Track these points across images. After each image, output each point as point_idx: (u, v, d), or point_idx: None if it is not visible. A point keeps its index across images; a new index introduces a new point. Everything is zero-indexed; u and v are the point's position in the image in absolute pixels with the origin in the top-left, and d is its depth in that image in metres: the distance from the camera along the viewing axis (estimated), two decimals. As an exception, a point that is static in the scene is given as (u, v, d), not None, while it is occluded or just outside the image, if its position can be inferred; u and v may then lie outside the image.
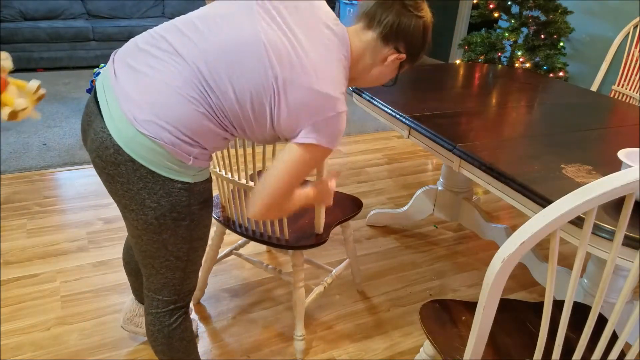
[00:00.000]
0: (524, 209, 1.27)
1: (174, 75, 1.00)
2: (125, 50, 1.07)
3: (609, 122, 1.74)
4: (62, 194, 2.59)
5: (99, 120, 1.03)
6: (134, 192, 1.03)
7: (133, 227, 1.10)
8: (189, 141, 1.02)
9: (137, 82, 1.00)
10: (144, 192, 1.03)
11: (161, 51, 1.03)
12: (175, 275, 1.17)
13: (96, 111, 1.05)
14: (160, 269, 1.15)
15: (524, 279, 2.15)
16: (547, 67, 3.44)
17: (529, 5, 3.43)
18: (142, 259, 1.15)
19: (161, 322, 1.22)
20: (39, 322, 1.75)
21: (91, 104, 1.08)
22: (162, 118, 0.98)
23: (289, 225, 1.59)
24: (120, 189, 1.05)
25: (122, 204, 1.08)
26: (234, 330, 1.77)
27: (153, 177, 1.02)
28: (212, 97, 1.01)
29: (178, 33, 1.04)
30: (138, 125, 0.98)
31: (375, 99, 1.82)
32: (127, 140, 0.99)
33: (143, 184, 1.02)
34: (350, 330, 1.81)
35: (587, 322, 0.86)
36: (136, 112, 0.98)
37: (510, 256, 0.80)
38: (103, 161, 1.03)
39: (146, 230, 1.08)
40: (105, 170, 1.04)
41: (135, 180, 1.02)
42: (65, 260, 2.08)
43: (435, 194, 2.36)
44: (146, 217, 1.06)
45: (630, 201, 0.75)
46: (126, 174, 1.02)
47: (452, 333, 1.16)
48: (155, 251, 1.12)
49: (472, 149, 1.42)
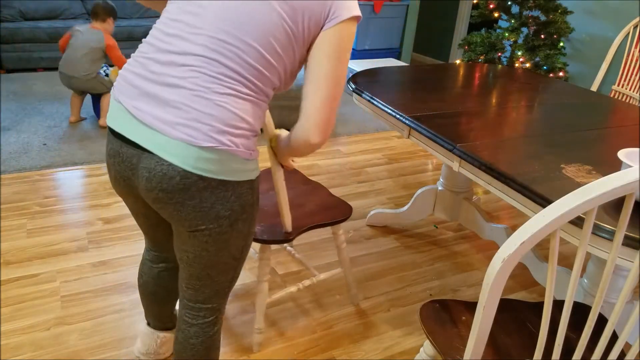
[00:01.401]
0: (524, 209, 1.27)
1: (199, 79, 0.97)
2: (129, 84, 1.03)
3: (609, 122, 1.74)
4: (62, 194, 2.59)
5: (148, 158, 1.00)
6: (208, 208, 1.02)
7: (201, 243, 1.08)
8: (245, 133, 1.01)
9: (167, 105, 0.97)
10: (217, 204, 1.03)
11: (173, 55, 1.00)
12: (228, 277, 1.17)
13: (137, 152, 1.02)
14: (217, 275, 1.15)
15: (524, 279, 2.15)
16: (547, 67, 3.44)
17: (529, 5, 3.43)
18: (200, 271, 1.13)
19: (205, 332, 1.21)
20: (39, 322, 1.75)
21: (123, 150, 1.04)
22: (215, 125, 0.97)
23: (264, 219, 1.60)
24: (192, 212, 1.02)
25: (193, 225, 1.05)
26: (234, 330, 1.77)
27: (224, 187, 1.01)
28: (242, 74, 0.99)
29: (179, 26, 1.02)
30: (198, 141, 0.96)
31: (375, 99, 1.82)
32: (193, 161, 0.97)
33: (216, 197, 1.01)
34: (350, 330, 1.81)
35: (587, 322, 0.86)
36: (189, 131, 0.96)
37: (510, 256, 0.80)
38: (169, 192, 1.00)
39: (216, 241, 1.08)
40: (172, 200, 1.01)
41: (207, 196, 1.01)
42: (65, 260, 2.08)
43: (435, 194, 2.36)
44: (220, 227, 1.06)
45: (630, 201, 0.75)
46: (198, 194, 1.00)
47: (452, 333, 1.16)
48: (218, 259, 1.11)
49: (472, 149, 1.42)
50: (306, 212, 1.68)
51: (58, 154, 3.02)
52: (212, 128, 0.96)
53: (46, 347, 1.65)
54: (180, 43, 1.00)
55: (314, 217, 1.65)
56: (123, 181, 1.09)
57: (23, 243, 2.17)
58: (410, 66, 2.41)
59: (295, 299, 1.95)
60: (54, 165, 2.87)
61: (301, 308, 1.90)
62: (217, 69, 0.98)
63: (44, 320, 1.76)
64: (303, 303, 1.93)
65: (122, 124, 1.02)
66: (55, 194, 2.59)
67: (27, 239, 2.21)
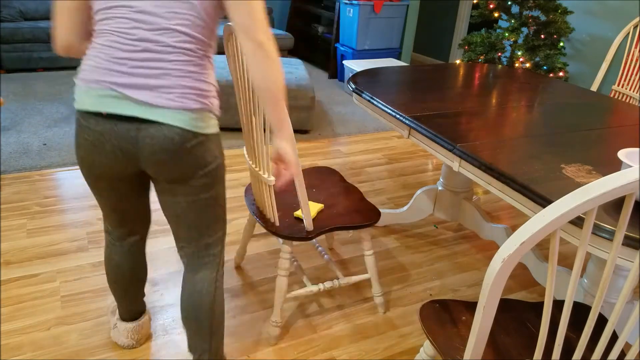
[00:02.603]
0: (524, 209, 1.27)
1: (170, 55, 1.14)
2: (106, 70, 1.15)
3: (609, 122, 1.74)
4: (62, 194, 2.59)
5: (147, 127, 1.16)
6: (199, 158, 1.22)
7: (194, 190, 1.26)
8: (214, 94, 1.22)
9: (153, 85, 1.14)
10: (206, 154, 1.22)
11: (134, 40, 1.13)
12: (223, 224, 1.38)
13: (133, 126, 1.16)
14: (216, 223, 1.35)
15: (524, 279, 2.15)
16: (547, 67, 3.44)
17: (529, 5, 3.43)
18: (201, 224, 1.32)
19: (217, 280, 1.40)
20: (39, 322, 1.75)
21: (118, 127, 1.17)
22: (197, 92, 1.17)
23: (289, 216, 1.64)
24: (188, 164, 1.21)
25: (188, 176, 1.23)
26: (234, 330, 1.77)
27: (208, 139, 1.22)
28: (193, 34, 1.15)
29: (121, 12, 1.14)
30: (189, 105, 1.16)
31: (375, 99, 1.82)
32: (187, 121, 1.16)
33: (204, 148, 1.21)
34: (350, 330, 1.81)
35: (587, 322, 0.86)
36: (180, 100, 1.15)
37: (510, 256, 0.80)
38: (170, 152, 1.18)
39: (211, 191, 1.29)
40: (173, 157, 1.19)
41: (198, 149, 1.20)
42: (65, 260, 2.08)
43: (435, 194, 2.36)
44: (215, 176, 1.27)
45: (630, 201, 0.75)
46: (191, 149, 1.19)
47: (452, 333, 1.16)
48: (215, 208, 1.32)
49: (472, 149, 1.42)
50: (334, 213, 1.70)
51: (58, 154, 3.02)
52: (195, 95, 1.17)
53: (46, 347, 1.65)
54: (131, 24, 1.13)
55: (339, 219, 1.67)
56: (121, 153, 1.20)
57: (23, 243, 2.17)
58: (410, 66, 2.41)
59: (296, 299, 1.95)
60: (54, 165, 2.87)
61: (301, 307, 1.90)
62: (177, 40, 1.14)
63: (44, 320, 1.76)
64: (303, 303, 1.93)
65: (115, 106, 1.15)
66: (55, 194, 2.59)
67: (27, 239, 2.21)
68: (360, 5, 4.66)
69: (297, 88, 3.50)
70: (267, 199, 1.57)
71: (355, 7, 4.72)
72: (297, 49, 6.04)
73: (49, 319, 1.77)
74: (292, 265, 1.87)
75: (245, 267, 2.11)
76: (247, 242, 2.03)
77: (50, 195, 2.57)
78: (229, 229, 2.37)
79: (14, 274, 1.98)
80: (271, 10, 5.59)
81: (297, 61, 4.04)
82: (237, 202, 2.62)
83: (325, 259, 1.97)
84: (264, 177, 1.51)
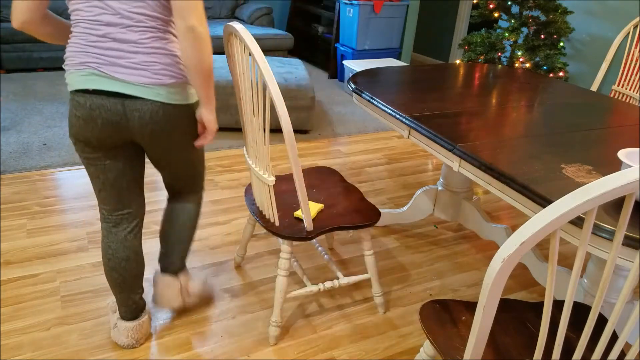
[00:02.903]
0: (524, 209, 1.27)
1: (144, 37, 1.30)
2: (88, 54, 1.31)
3: (609, 122, 1.74)
4: (62, 194, 2.59)
5: (133, 102, 1.33)
6: (185, 127, 1.42)
7: (188, 157, 1.51)
8: (179, 60, 1.37)
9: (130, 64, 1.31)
10: (192, 122, 1.44)
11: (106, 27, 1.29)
12: (203, 175, 1.67)
13: (119, 100, 1.32)
14: (199, 176, 1.64)
15: (524, 279, 2.15)
16: (547, 67, 3.44)
17: (529, 5, 3.43)
18: (185, 170, 1.56)
19: (198, 211, 1.70)
20: (39, 322, 1.75)
21: (106, 102, 1.32)
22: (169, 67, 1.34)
23: (289, 216, 1.63)
24: (176, 134, 1.41)
25: (177, 143, 1.44)
26: (234, 330, 1.77)
27: (188, 109, 1.41)
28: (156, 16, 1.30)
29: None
30: (165, 80, 1.33)
31: (375, 99, 1.83)
32: (166, 95, 1.34)
33: (187, 118, 1.41)
34: (350, 330, 1.81)
35: (587, 322, 0.86)
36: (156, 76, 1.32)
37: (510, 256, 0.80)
38: (159, 123, 1.36)
39: (196, 151, 1.53)
40: (163, 129, 1.38)
41: (182, 119, 1.40)
42: (65, 260, 2.08)
43: (435, 194, 2.36)
44: (193, 136, 1.47)
45: (630, 201, 0.75)
46: (176, 120, 1.38)
47: (452, 333, 1.16)
48: (197, 165, 1.59)
49: (472, 149, 1.42)
50: (334, 213, 1.70)
51: (58, 154, 3.02)
52: (166, 70, 1.33)
53: (46, 347, 1.65)
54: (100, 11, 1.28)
55: (339, 219, 1.67)
56: (111, 126, 1.35)
57: (23, 243, 2.18)
58: (410, 66, 2.41)
59: (296, 299, 1.95)
60: (54, 165, 2.87)
61: (301, 308, 1.90)
62: (139, 20, 1.28)
63: (44, 320, 1.76)
64: (303, 303, 1.93)
65: (99, 83, 1.31)
66: (55, 194, 2.59)
67: (27, 239, 2.21)
68: (360, 5, 4.67)
69: (297, 88, 3.50)
70: (267, 199, 1.58)
71: (355, 7, 4.72)
72: (297, 49, 6.04)
73: (49, 319, 1.77)
74: (292, 265, 1.87)
75: (245, 267, 2.11)
76: (247, 242, 2.03)
77: (50, 195, 2.57)
78: (228, 229, 2.37)
79: (14, 274, 1.98)
80: (271, 10, 5.59)
81: (297, 61, 4.04)
82: (237, 202, 2.62)
83: (325, 259, 1.97)
84: (264, 177, 1.51)
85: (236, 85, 1.51)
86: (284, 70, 3.71)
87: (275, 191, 1.83)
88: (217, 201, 2.62)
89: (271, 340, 1.72)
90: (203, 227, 2.38)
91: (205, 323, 1.80)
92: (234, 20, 5.70)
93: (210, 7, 5.64)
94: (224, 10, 5.72)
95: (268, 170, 1.49)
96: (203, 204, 2.56)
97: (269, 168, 1.49)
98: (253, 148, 1.55)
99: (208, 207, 2.55)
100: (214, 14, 5.67)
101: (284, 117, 1.33)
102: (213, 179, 2.87)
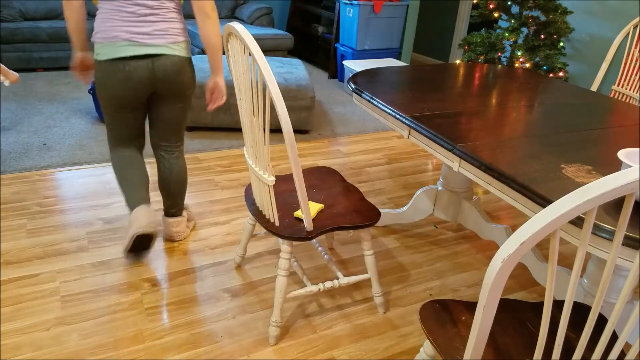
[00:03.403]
0: (524, 209, 1.27)
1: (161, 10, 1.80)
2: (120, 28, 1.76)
3: (609, 122, 1.74)
4: (62, 194, 2.59)
5: (158, 59, 1.81)
6: (188, 78, 1.92)
7: (182, 108, 1.99)
8: (186, 27, 1.90)
9: (154, 31, 1.80)
10: (192, 75, 1.95)
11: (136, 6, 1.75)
12: (184, 130, 2.11)
13: (149, 60, 1.80)
14: (183, 129, 2.08)
15: (524, 279, 2.15)
16: (547, 67, 3.44)
17: (529, 5, 3.43)
18: (177, 124, 2.03)
19: (182, 159, 2.13)
20: (39, 322, 1.75)
21: (139, 63, 1.79)
22: (180, 32, 1.86)
23: (289, 216, 1.63)
24: (182, 82, 1.90)
25: (182, 91, 1.92)
26: (233, 330, 1.78)
27: (190, 62, 1.93)
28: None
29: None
30: (179, 39, 1.85)
31: (375, 99, 1.83)
32: (180, 50, 1.86)
33: (190, 69, 1.92)
34: (350, 330, 1.81)
35: (587, 322, 0.86)
36: (173, 38, 1.84)
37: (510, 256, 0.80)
38: (175, 73, 1.85)
39: (186, 104, 2.00)
40: (176, 77, 1.87)
41: (187, 69, 1.90)
42: (65, 260, 2.08)
43: (435, 194, 2.36)
44: (190, 96, 1.98)
45: (630, 201, 0.75)
46: (185, 69, 1.89)
47: (452, 333, 1.16)
48: (184, 118, 2.05)
49: (472, 149, 1.42)
50: (334, 213, 1.70)
51: (58, 154, 3.02)
52: (180, 33, 1.86)
53: (46, 347, 1.65)
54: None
55: (339, 219, 1.67)
56: (143, 81, 1.83)
57: (23, 243, 2.18)
58: (410, 66, 2.41)
59: (296, 299, 1.95)
60: (54, 165, 2.87)
61: (301, 308, 1.91)
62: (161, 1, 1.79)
63: (44, 320, 1.76)
64: (303, 303, 1.93)
65: (134, 50, 1.77)
66: (55, 194, 2.59)
67: (27, 239, 2.21)
68: (360, 5, 4.67)
69: (297, 88, 3.50)
70: (267, 199, 1.58)
71: (355, 7, 4.72)
72: (297, 49, 6.04)
73: (49, 319, 1.77)
74: (292, 265, 1.87)
75: (245, 267, 2.11)
76: (247, 242, 2.03)
77: (50, 195, 2.57)
78: (228, 229, 2.37)
79: (14, 274, 1.98)
80: (271, 10, 5.59)
81: (297, 61, 4.04)
82: (237, 202, 2.62)
83: (325, 259, 1.97)
84: (264, 177, 1.51)
85: (236, 85, 1.51)
86: (284, 70, 3.71)
87: (275, 191, 1.83)
88: (217, 201, 2.62)
89: (271, 340, 1.72)
90: (203, 227, 2.38)
91: (205, 323, 1.80)
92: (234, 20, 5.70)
93: (210, 7, 5.64)
94: (224, 10, 5.72)
95: (268, 171, 1.49)
96: (203, 204, 2.56)
97: (269, 168, 1.49)
98: (253, 148, 1.55)
99: (208, 207, 2.55)
100: (214, 14, 5.66)
101: (284, 117, 1.33)
102: (213, 179, 2.87)
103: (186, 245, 2.23)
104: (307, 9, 5.86)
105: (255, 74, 1.36)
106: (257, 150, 1.52)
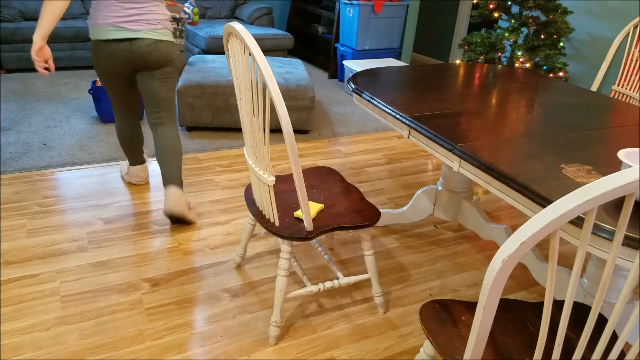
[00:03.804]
0: (524, 209, 1.27)
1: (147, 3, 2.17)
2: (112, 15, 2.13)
3: (609, 122, 1.74)
4: (62, 194, 2.59)
5: (139, 41, 2.16)
6: (167, 55, 2.24)
7: (168, 80, 2.31)
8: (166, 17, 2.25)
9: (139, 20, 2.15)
10: (170, 53, 2.25)
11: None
12: (174, 94, 2.40)
13: (129, 42, 2.15)
14: (173, 101, 2.38)
15: (524, 279, 2.15)
16: (547, 67, 3.44)
17: (529, 5, 3.43)
18: (164, 95, 2.33)
19: (175, 128, 2.40)
20: (39, 322, 1.75)
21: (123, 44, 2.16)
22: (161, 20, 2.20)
23: (289, 216, 1.62)
24: (162, 60, 2.23)
25: (163, 66, 2.26)
26: (234, 330, 1.78)
27: (169, 44, 2.25)
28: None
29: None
30: (158, 27, 2.19)
31: (375, 99, 1.83)
32: (159, 35, 2.19)
33: (168, 48, 2.24)
34: (350, 330, 1.81)
35: (587, 322, 0.86)
36: (152, 26, 2.17)
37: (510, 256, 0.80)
38: (155, 51, 2.19)
39: (172, 78, 2.32)
40: (157, 55, 2.20)
41: (166, 49, 2.23)
42: (65, 260, 2.08)
43: (435, 194, 2.36)
44: (174, 68, 2.30)
45: (630, 201, 0.75)
46: (161, 48, 2.21)
47: (452, 333, 1.16)
48: (172, 91, 2.37)
49: (472, 149, 1.42)
50: (334, 213, 1.70)
51: (58, 154, 3.02)
52: (158, 22, 2.19)
53: (46, 347, 1.65)
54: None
55: (339, 219, 1.67)
56: (124, 60, 2.19)
57: (23, 243, 2.18)
58: (410, 66, 2.41)
59: (296, 299, 1.95)
60: (54, 165, 2.87)
61: (301, 308, 1.91)
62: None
63: (44, 320, 1.76)
64: (303, 303, 1.93)
65: (118, 34, 2.13)
66: (55, 194, 2.59)
67: (27, 239, 2.21)
68: (360, 5, 4.67)
69: (297, 88, 3.50)
70: (267, 199, 1.58)
71: (355, 7, 4.72)
72: (297, 49, 6.04)
73: (49, 319, 1.77)
74: (292, 265, 1.87)
75: (245, 267, 2.11)
76: (247, 242, 2.03)
77: (50, 195, 2.57)
78: (228, 229, 2.37)
79: (14, 274, 1.98)
80: (271, 10, 5.59)
81: (297, 61, 4.04)
82: (237, 202, 2.62)
83: (325, 259, 1.97)
84: (264, 177, 1.51)
85: (236, 85, 1.51)
86: (284, 70, 3.71)
87: (275, 191, 1.83)
88: (217, 201, 2.62)
89: (271, 340, 1.72)
90: (203, 227, 2.38)
91: (205, 323, 1.80)
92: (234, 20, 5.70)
93: (210, 7, 5.64)
94: (224, 10, 5.72)
95: (268, 171, 1.49)
96: (203, 204, 2.56)
97: (269, 168, 1.49)
98: (253, 148, 1.55)
99: (208, 207, 2.55)
100: (214, 14, 5.67)
101: (284, 117, 1.33)
102: (213, 179, 2.87)
103: (186, 245, 2.23)
104: (307, 9, 5.86)
105: (255, 74, 1.36)
106: (257, 150, 1.52)
